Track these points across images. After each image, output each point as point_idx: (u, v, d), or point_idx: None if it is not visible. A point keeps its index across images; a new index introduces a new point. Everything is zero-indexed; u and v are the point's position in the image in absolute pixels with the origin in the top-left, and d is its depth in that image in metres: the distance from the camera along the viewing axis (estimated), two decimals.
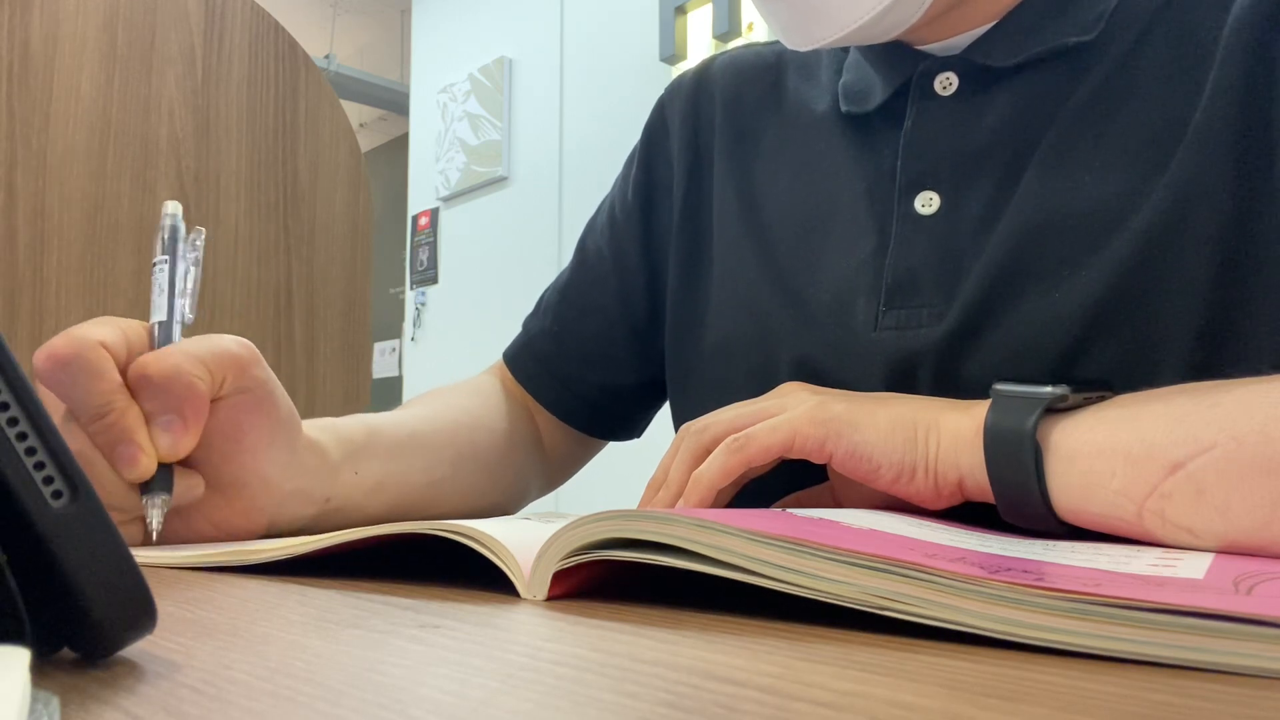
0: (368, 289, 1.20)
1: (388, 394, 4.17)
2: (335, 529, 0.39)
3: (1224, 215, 0.45)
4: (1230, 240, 0.45)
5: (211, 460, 0.46)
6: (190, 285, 0.48)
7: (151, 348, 0.45)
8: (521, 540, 0.33)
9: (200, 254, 0.49)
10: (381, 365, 4.56)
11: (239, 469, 0.47)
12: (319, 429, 0.52)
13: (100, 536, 0.20)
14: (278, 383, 0.48)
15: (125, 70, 0.99)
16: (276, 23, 1.13)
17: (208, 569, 0.39)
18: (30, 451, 0.19)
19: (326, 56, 4.81)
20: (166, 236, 0.48)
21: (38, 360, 0.42)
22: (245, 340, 0.46)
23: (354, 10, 4.90)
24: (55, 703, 0.17)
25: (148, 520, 0.43)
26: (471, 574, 0.35)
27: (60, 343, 0.42)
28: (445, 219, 3.59)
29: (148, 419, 0.43)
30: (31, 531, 0.19)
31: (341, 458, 0.52)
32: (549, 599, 0.30)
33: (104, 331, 0.43)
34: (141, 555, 0.41)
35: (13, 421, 0.19)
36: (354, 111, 5.28)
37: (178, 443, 0.43)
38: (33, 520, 0.19)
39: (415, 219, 3.73)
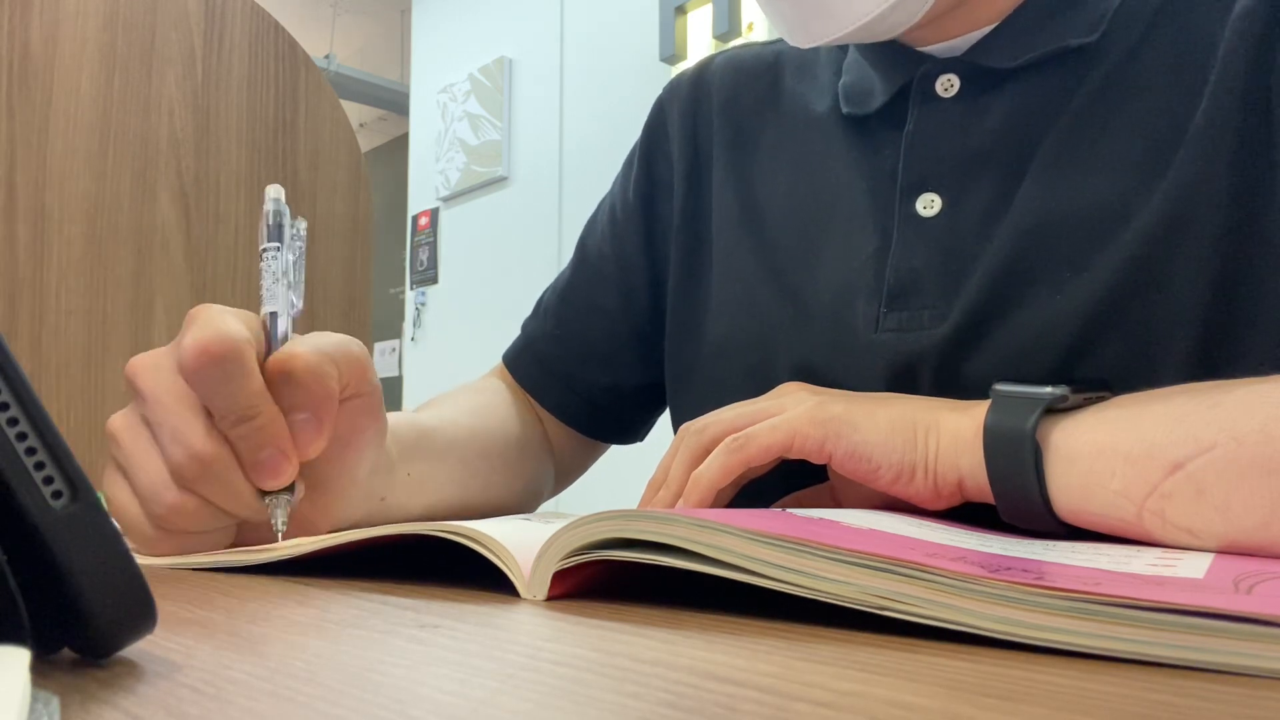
0: (368, 289, 1.20)
1: (388, 394, 4.16)
2: (377, 525, 0.38)
3: (1224, 216, 0.45)
4: (1231, 241, 0.45)
5: (317, 461, 0.43)
6: (298, 275, 0.45)
7: (267, 341, 0.42)
8: (521, 540, 0.33)
9: (304, 244, 0.46)
10: (381, 365, 4.56)
11: (338, 471, 0.45)
12: None
13: (100, 536, 0.20)
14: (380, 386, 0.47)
15: (125, 70, 0.99)
16: (276, 23, 1.13)
17: (208, 569, 0.39)
18: (30, 451, 0.19)
19: (326, 56, 4.81)
20: (272, 222, 0.45)
21: (188, 354, 0.39)
22: (360, 341, 0.44)
23: (354, 10, 4.90)
24: (55, 703, 0.17)
25: (272, 520, 0.41)
26: (471, 574, 0.35)
27: (211, 338, 0.38)
28: (445, 219, 3.59)
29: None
30: (31, 531, 0.19)
31: (397, 457, 0.51)
32: (549, 599, 0.30)
33: (242, 326, 0.40)
34: (141, 556, 0.41)
35: (13, 421, 0.19)
36: (354, 111, 5.28)
37: (313, 443, 0.41)
38: (33, 520, 0.19)
39: (415, 219, 3.73)
